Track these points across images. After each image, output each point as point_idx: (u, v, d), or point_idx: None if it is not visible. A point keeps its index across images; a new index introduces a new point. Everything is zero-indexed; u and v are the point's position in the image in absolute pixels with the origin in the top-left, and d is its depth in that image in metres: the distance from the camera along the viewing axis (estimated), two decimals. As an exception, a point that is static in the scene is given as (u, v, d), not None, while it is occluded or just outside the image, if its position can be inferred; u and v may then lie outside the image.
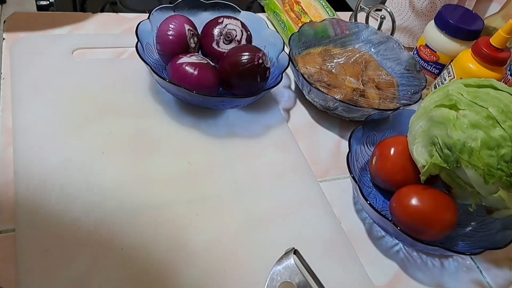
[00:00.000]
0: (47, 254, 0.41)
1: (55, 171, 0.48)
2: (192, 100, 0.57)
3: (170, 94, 0.58)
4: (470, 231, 0.52)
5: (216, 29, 0.60)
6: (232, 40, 0.59)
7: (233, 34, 0.59)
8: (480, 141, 0.43)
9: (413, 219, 0.47)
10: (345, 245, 0.50)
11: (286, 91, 0.69)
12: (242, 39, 0.60)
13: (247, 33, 0.61)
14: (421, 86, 0.66)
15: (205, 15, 0.65)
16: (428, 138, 0.48)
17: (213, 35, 0.60)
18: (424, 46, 0.71)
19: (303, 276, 0.41)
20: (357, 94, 0.64)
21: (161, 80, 0.54)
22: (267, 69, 0.57)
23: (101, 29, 0.69)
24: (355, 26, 0.74)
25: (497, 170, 0.42)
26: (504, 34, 0.57)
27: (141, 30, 0.58)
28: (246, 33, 0.61)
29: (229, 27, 0.60)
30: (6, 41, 0.61)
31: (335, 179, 0.58)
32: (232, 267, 0.44)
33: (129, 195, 0.48)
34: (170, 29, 0.56)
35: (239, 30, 0.60)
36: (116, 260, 0.42)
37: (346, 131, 0.64)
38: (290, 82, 0.71)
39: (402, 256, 0.51)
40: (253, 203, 0.51)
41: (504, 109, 0.43)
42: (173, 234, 0.46)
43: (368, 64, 0.70)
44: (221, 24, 0.60)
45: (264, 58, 0.56)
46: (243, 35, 0.60)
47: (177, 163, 0.52)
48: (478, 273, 0.52)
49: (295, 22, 0.77)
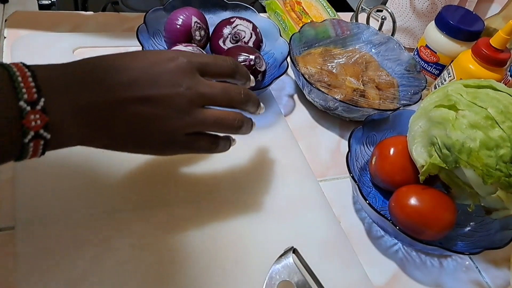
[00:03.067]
0: (46, 252, 0.41)
1: (55, 170, 0.48)
2: None
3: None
4: (469, 231, 0.52)
5: (226, 28, 0.61)
6: (239, 40, 0.60)
7: (242, 35, 0.61)
8: (479, 141, 0.43)
9: (412, 219, 0.47)
10: (344, 245, 0.50)
11: (286, 91, 0.69)
12: (249, 41, 0.61)
13: (257, 36, 0.62)
14: (421, 87, 0.66)
15: (225, 14, 0.67)
16: (428, 138, 0.48)
17: (222, 33, 0.61)
18: (425, 47, 0.72)
19: (302, 275, 0.42)
20: (358, 94, 0.64)
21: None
22: (260, 72, 0.57)
23: (102, 28, 0.69)
24: (356, 27, 0.75)
25: (495, 171, 0.43)
26: (504, 35, 0.58)
27: (149, 19, 0.61)
28: (255, 37, 0.61)
29: (239, 28, 0.61)
30: (8, 40, 0.61)
31: (334, 179, 0.58)
32: (231, 266, 0.45)
33: (129, 193, 0.48)
34: (179, 18, 0.59)
35: (248, 32, 0.61)
36: (115, 259, 0.42)
37: (346, 131, 0.64)
38: (290, 82, 0.71)
39: (401, 256, 0.51)
40: (252, 202, 0.51)
41: (503, 109, 0.43)
42: (173, 233, 0.46)
43: (368, 65, 0.71)
44: (232, 24, 0.61)
45: (258, 61, 0.56)
46: (252, 38, 0.61)
47: (176, 162, 0.53)
48: (477, 273, 0.52)
49: (296, 22, 0.77)
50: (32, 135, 0.31)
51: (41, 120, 0.31)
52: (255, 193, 0.52)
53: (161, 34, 0.63)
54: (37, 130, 0.31)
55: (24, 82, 0.30)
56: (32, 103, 0.30)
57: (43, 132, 0.31)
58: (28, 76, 0.31)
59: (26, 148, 0.31)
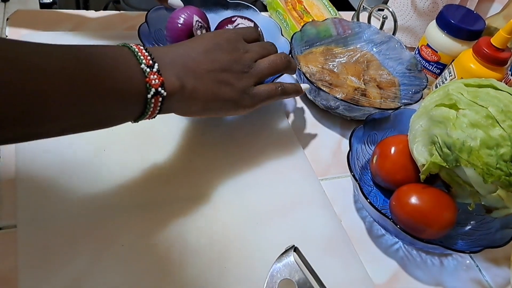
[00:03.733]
0: (48, 250, 0.41)
1: (57, 168, 0.48)
2: None
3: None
4: (469, 230, 0.52)
5: (228, 27, 0.61)
6: None
7: None
8: (479, 140, 0.43)
9: (413, 217, 0.47)
10: (345, 243, 0.50)
11: (287, 90, 0.69)
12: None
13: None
14: (422, 86, 0.66)
15: (227, 13, 0.68)
16: (428, 137, 0.48)
17: None
18: (426, 46, 0.72)
19: (303, 274, 0.42)
20: (359, 93, 0.64)
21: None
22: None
23: (104, 27, 0.69)
24: (357, 26, 0.75)
25: (496, 170, 0.43)
26: (505, 34, 0.58)
27: (151, 18, 0.61)
28: None
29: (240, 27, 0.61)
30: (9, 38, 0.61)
31: (336, 178, 0.58)
32: (232, 265, 0.45)
33: (130, 192, 0.48)
34: (180, 17, 0.59)
35: None
36: (116, 256, 0.43)
37: (347, 130, 0.64)
38: (292, 81, 0.71)
39: (401, 255, 0.52)
40: (253, 200, 0.51)
41: (503, 108, 0.44)
42: (174, 231, 0.46)
43: (369, 64, 0.71)
44: (233, 23, 0.61)
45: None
46: None
47: (178, 160, 0.53)
48: (477, 272, 0.52)
49: (297, 21, 0.77)
50: (154, 91, 0.39)
51: (158, 80, 0.40)
52: (256, 192, 0.52)
53: (162, 33, 0.63)
54: (157, 87, 0.39)
55: (141, 53, 0.40)
56: (150, 66, 0.39)
57: (161, 89, 0.40)
58: (142, 50, 0.40)
59: (149, 104, 0.40)
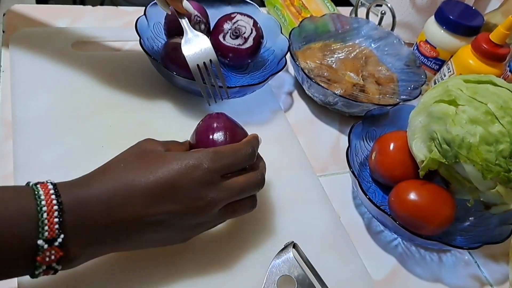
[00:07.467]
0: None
1: (55, 165, 0.48)
2: (178, 83, 0.58)
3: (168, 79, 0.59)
4: (468, 226, 0.53)
5: (227, 24, 0.61)
6: (239, 36, 0.60)
7: (242, 30, 0.61)
8: (478, 136, 0.43)
9: (411, 213, 0.47)
10: (344, 240, 0.50)
11: (286, 87, 0.69)
12: (250, 37, 0.61)
13: (257, 32, 0.61)
14: (421, 82, 0.66)
15: (228, 9, 0.67)
16: (427, 133, 0.48)
17: (222, 28, 0.61)
18: (424, 42, 0.72)
19: (302, 270, 0.42)
20: (357, 89, 0.64)
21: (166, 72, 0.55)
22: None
23: (100, 22, 0.68)
24: (356, 21, 0.74)
25: (495, 166, 0.43)
26: (503, 30, 0.57)
27: (150, 12, 0.61)
28: (256, 32, 0.61)
29: (239, 23, 0.61)
30: (6, 34, 0.61)
31: (334, 174, 0.58)
32: (231, 261, 0.45)
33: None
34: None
35: (249, 28, 0.61)
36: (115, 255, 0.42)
37: (346, 126, 0.64)
38: (290, 78, 0.71)
39: (400, 251, 0.52)
40: (252, 197, 0.51)
41: (503, 105, 0.44)
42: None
43: (368, 60, 0.70)
44: (233, 19, 0.61)
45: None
46: (252, 34, 0.61)
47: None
48: (476, 268, 0.52)
49: (295, 17, 0.76)
50: (44, 268, 0.32)
51: (55, 256, 0.31)
52: (255, 188, 0.52)
53: (161, 27, 0.63)
54: (50, 264, 0.31)
55: (48, 218, 0.31)
56: (51, 240, 0.31)
57: (55, 265, 0.32)
58: (54, 210, 0.31)
59: (36, 275, 0.32)
